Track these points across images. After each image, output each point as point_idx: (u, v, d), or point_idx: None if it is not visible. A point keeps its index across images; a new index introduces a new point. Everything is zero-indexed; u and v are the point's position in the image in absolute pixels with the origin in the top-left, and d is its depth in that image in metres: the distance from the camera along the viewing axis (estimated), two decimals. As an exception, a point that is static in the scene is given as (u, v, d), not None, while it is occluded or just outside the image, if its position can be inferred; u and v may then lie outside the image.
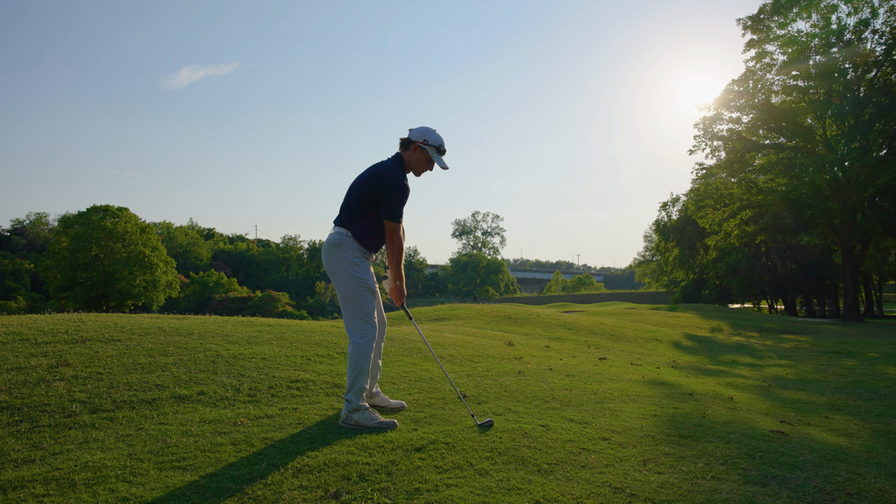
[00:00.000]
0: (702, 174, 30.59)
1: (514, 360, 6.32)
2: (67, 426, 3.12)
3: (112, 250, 43.01)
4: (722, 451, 3.21)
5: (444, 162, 3.59)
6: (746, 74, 26.30)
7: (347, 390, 3.34)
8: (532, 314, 12.78)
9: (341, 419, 3.35)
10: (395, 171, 3.44)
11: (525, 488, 2.55)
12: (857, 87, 24.19)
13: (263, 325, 6.25)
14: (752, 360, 9.79)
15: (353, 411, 3.31)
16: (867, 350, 11.50)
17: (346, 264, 3.39)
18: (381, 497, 2.42)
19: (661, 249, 46.16)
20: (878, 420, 4.96)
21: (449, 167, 3.62)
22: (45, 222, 69.17)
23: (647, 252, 59.97)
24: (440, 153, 3.57)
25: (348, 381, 3.34)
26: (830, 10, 24.30)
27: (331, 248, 3.43)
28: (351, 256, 3.40)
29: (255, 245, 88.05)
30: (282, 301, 60.17)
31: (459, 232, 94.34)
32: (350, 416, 3.31)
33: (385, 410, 3.69)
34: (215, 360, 4.45)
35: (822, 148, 24.92)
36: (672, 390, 5.23)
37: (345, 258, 3.39)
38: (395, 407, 3.74)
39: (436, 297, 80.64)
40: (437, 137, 3.54)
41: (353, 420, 3.30)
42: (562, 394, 4.54)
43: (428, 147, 3.52)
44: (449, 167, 3.62)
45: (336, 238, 3.42)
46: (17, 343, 4.47)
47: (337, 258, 3.40)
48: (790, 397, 5.94)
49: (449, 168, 3.63)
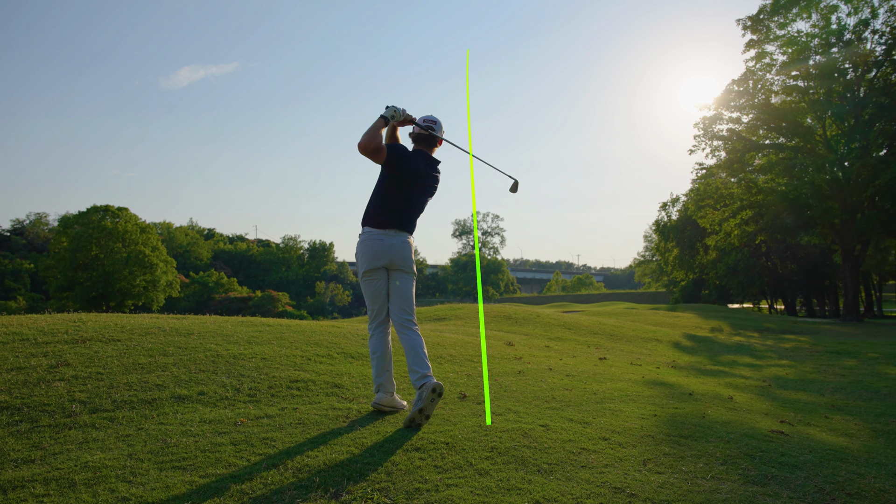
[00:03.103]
0: (702, 174, 30.61)
1: (514, 360, 6.32)
2: (67, 426, 3.13)
3: (112, 250, 42.99)
4: (722, 451, 3.21)
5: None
6: (746, 74, 26.30)
7: (423, 371, 3.40)
8: (532, 314, 12.78)
9: (440, 385, 3.36)
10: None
11: (525, 488, 2.55)
12: (857, 87, 24.19)
13: (263, 325, 6.25)
14: (752, 361, 9.79)
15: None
16: (867, 350, 11.50)
17: (414, 264, 3.74)
18: (381, 497, 2.42)
19: (661, 249, 46.15)
20: (878, 420, 4.96)
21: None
22: (45, 222, 69.15)
23: (647, 252, 59.94)
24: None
25: (424, 362, 3.43)
26: (830, 10, 24.31)
27: (407, 245, 3.67)
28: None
29: (255, 245, 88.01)
30: (282, 301, 60.20)
31: (459, 232, 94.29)
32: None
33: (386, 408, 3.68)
34: (215, 360, 4.45)
35: (822, 148, 24.91)
36: (672, 390, 5.23)
37: (413, 258, 3.73)
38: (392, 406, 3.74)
39: (436, 297, 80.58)
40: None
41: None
42: (562, 394, 4.54)
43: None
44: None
45: (407, 239, 3.69)
46: (17, 343, 4.47)
47: (412, 256, 3.71)
48: (790, 397, 5.94)
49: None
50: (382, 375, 3.64)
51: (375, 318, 3.70)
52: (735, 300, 42.16)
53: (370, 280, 3.65)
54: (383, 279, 3.67)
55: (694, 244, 40.98)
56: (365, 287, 3.68)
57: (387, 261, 3.61)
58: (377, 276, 3.65)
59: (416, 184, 3.65)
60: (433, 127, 3.75)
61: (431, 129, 3.74)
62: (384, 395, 3.65)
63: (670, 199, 46.52)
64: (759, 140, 27.01)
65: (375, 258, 3.58)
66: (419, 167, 3.66)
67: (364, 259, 3.61)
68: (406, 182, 3.62)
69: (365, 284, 3.68)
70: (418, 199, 3.70)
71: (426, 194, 3.74)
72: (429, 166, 3.74)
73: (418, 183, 3.67)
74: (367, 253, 3.59)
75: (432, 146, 3.81)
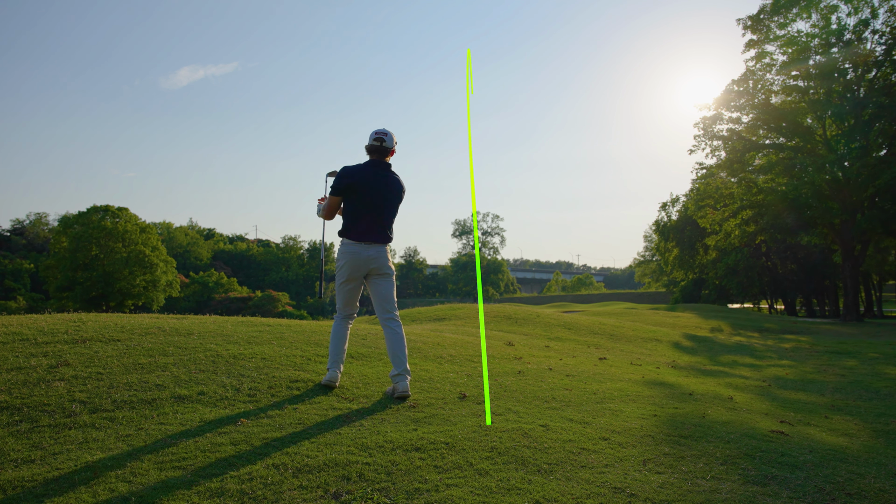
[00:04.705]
0: (702, 174, 30.57)
1: (514, 360, 6.32)
2: (67, 426, 3.13)
3: (112, 250, 43.01)
4: (722, 451, 3.21)
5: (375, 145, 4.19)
6: (746, 74, 26.29)
7: (404, 364, 4.02)
8: (532, 314, 12.78)
9: (405, 392, 3.95)
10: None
11: (525, 488, 2.55)
12: (857, 87, 24.19)
13: (263, 325, 6.25)
14: (753, 361, 9.79)
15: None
16: (867, 350, 11.50)
17: (392, 264, 4.25)
18: (381, 497, 2.42)
19: (661, 249, 46.14)
20: (878, 420, 4.96)
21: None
22: (45, 222, 69.18)
23: (646, 252, 59.93)
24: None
25: (405, 355, 4.05)
26: (830, 10, 24.30)
27: (383, 254, 4.13)
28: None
29: (255, 245, 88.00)
30: (282, 301, 60.20)
31: (459, 232, 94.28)
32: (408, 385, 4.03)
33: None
34: (215, 360, 4.45)
35: (822, 148, 24.90)
36: (672, 390, 5.23)
37: (391, 260, 4.25)
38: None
39: (436, 297, 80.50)
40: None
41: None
42: (562, 394, 4.54)
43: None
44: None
45: (385, 249, 4.16)
46: (17, 343, 4.47)
47: (389, 260, 4.19)
48: (790, 397, 5.94)
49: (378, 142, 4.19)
50: (339, 357, 4.15)
51: (345, 313, 4.24)
52: (735, 300, 42.15)
53: (347, 287, 4.17)
54: (359, 285, 4.21)
55: (694, 244, 40.97)
56: (341, 290, 4.19)
57: (365, 272, 4.13)
58: (354, 285, 4.18)
59: (375, 195, 4.05)
60: (384, 138, 4.10)
61: (382, 140, 4.10)
62: (338, 372, 4.15)
63: (670, 199, 46.54)
64: (759, 140, 27.01)
65: (355, 270, 4.08)
66: (368, 179, 4.04)
67: (344, 271, 4.09)
68: (365, 199, 4.04)
69: (341, 289, 4.18)
70: (383, 207, 4.09)
71: (388, 200, 4.10)
72: (379, 174, 4.09)
73: (377, 194, 4.06)
74: (348, 266, 4.06)
75: (385, 155, 4.15)
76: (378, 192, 4.05)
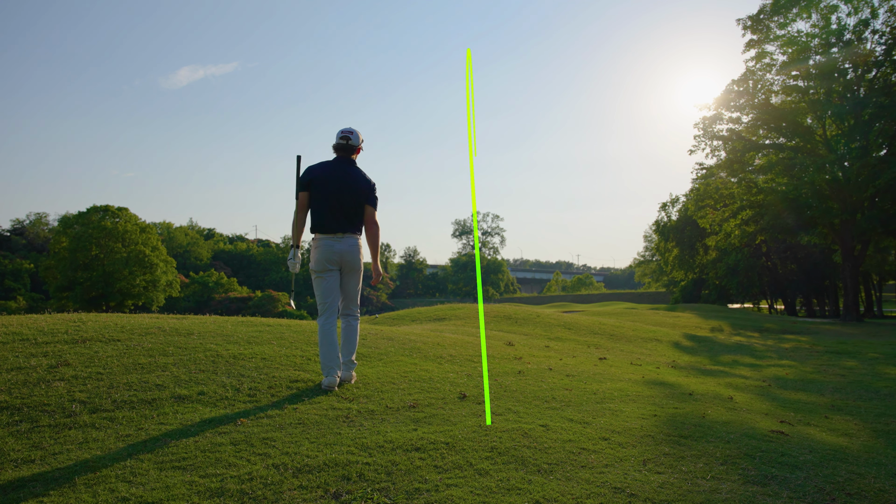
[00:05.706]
0: (702, 174, 30.59)
1: (514, 360, 6.32)
2: (67, 426, 3.12)
3: (112, 250, 42.99)
4: (722, 451, 3.21)
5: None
6: (746, 74, 26.29)
7: (352, 355, 4.29)
8: (532, 314, 12.78)
9: (349, 379, 4.27)
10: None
11: (525, 488, 2.55)
12: (857, 87, 24.18)
13: (263, 325, 6.25)
14: (753, 361, 9.79)
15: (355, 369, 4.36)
16: (867, 350, 11.50)
17: (361, 262, 4.33)
18: (381, 497, 2.42)
19: (661, 249, 46.14)
20: (878, 420, 4.96)
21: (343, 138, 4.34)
22: (45, 222, 69.15)
23: (646, 252, 59.90)
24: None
25: (355, 348, 4.32)
26: (830, 10, 24.29)
27: (356, 249, 4.23)
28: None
29: (255, 245, 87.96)
30: (282, 301, 60.10)
31: (459, 232, 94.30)
32: (354, 375, 4.34)
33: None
34: (215, 360, 4.45)
35: (822, 148, 24.90)
36: (672, 390, 5.23)
37: (361, 258, 4.31)
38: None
39: (436, 297, 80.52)
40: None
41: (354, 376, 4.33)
42: (562, 394, 4.54)
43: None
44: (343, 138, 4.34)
45: (356, 241, 4.25)
46: (17, 343, 4.47)
47: (360, 257, 4.28)
48: (790, 397, 5.94)
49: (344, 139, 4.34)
50: (334, 360, 4.16)
51: (325, 310, 4.23)
52: (735, 300, 42.14)
53: (322, 279, 4.20)
54: (335, 277, 4.24)
55: (694, 244, 40.98)
56: (318, 284, 4.21)
57: (337, 265, 4.21)
58: (328, 276, 4.21)
59: (336, 186, 4.16)
60: (349, 136, 4.26)
61: (348, 138, 4.26)
62: (336, 376, 4.16)
63: (670, 199, 46.56)
64: (759, 140, 27.00)
65: (328, 262, 4.17)
66: (329, 173, 4.18)
67: (318, 262, 4.17)
68: (326, 191, 4.15)
69: (318, 282, 4.21)
70: (345, 197, 4.17)
71: (350, 190, 4.19)
72: (340, 168, 4.23)
73: (338, 185, 4.17)
74: (321, 258, 4.16)
75: (351, 153, 4.32)
76: (339, 183, 4.17)
